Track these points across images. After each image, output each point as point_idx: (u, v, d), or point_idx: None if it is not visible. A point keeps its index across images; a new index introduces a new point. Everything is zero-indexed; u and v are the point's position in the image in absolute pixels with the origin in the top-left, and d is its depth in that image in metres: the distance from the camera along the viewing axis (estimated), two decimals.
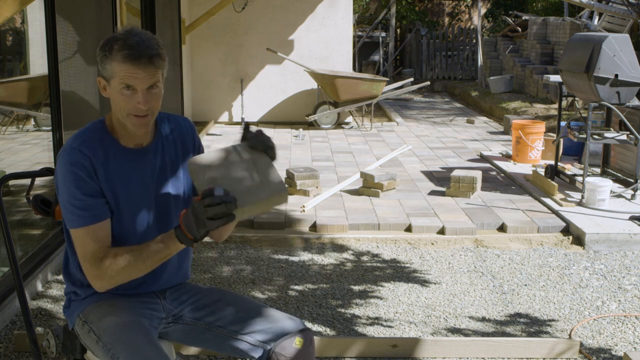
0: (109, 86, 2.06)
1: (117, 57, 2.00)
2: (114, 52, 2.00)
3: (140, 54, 1.99)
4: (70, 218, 2.07)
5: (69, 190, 2.06)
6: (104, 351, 2.06)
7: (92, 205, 2.06)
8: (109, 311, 2.14)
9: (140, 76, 2.00)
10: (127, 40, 2.00)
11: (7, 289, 3.71)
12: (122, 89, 2.02)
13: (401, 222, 5.41)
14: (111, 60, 2.01)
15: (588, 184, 5.73)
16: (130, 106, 2.04)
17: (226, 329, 2.23)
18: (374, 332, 3.69)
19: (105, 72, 2.04)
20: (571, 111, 10.10)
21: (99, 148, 2.10)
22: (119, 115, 2.08)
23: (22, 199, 4.13)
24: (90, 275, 2.06)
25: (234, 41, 10.61)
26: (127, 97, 2.03)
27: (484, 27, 20.19)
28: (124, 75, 2.00)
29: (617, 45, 5.61)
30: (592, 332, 3.73)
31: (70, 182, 2.05)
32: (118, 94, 2.04)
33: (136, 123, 2.07)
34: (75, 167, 2.05)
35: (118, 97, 2.04)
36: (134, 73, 2.00)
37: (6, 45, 4.52)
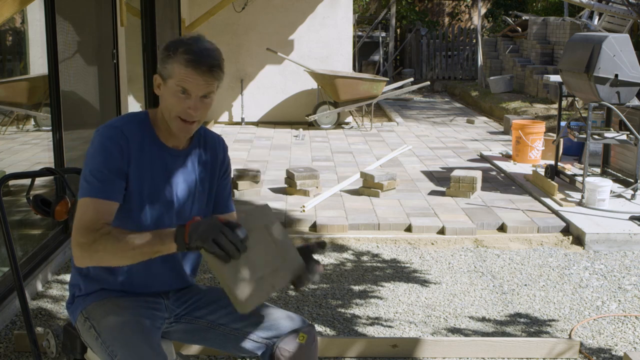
0: (164, 85, 2.09)
1: (180, 60, 2.03)
2: (178, 54, 2.04)
3: (202, 61, 2.03)
4: (83, 187, 2.06)
5: (95, 161, 2.06)
6: (103, 348, 2.08)
7: (109, 181, 2.06)
8: (112, 309, 2.15)
9: (197, 82, 2.04)
10: (193, 45, 2.04)
11: (7, 289, 3.72)
12: (177, 91, 2.06)
13: (401, 222, 5.41)
14: (173, 61, 2.05)
15: (588, 184, 5.73)
16: (181, 109, 2.07)
17: (228, 327, 2.23)
18: (374, 332, 3.69)
19: (164, 70, 2.07)
20: (571, 111, 10.10)
21: (138, 134, 2.12)
22: (166, 115, 2.11)
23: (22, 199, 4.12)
24: (76, 242, 2.01)
25: (234, 41, 10.61)
26: (180, 99, 2.06)
27: (484, 27, 20.19)
28: (182, 78, 2.04)
29: (617, 45, 5.62)
30: (592, 332, 3.73)
31: (99, 153, 2.06)
32: (172, 94, 2.07)
33: (182, 127, 2.10)
34: (110, 142, 2.06)
35: (171, 98, 2.08)
36: (193, 78, 2.04)
37: (6, 45, 4.52)
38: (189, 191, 2.22)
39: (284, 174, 6.58)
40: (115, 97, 6.11)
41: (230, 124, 10.78)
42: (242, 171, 6.22)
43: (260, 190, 6.27)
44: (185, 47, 2.04)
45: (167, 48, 2.08)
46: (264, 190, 6.37)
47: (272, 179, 6.79)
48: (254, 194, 6.16)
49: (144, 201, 2.13)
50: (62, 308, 3.90)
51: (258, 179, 6.24)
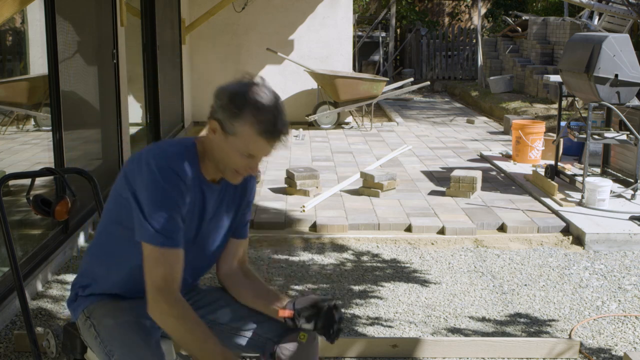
0: (223, 136, 2.00)
1: (253, 128, 1.96)
2: (250, 119, 1.95)
3: (279, 135, 2.01)
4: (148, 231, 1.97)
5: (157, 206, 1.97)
6: (101, 347, 2.08)
7: (176, 229, 2.01)
8: (113, 309, 2.15)
9: (266, 150, 2.02)
10: (265, 112, 1.96)
11: (7, 289, 3.71)
12: (242, 152, 2.00)
13: (401, 222, 5.41)
14: (243, 123, 1.96)
15: (588, 184, 5.73)
16: (241, 166, 2.03)
17: (228, 326, 2.23)
18: (374, 332, 3.69)
19: (228, 126, 1.98)
20: (571, 111, 10.10)
21: (188, 172, 2.04)
22: (221, 164, 2.05)
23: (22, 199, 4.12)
24: (158, 309, 2.00)
25: (234, 41, 10.61)
26: (243, 159, 2.02)
27: (484, 27, 20.19)
28: (253, 147, 1.99)
29: (617, 45, 5.61)
30: (592, 332, 3.73)
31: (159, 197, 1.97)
32: (235, 152, 2.00)
33: (235, 178, 2.08)
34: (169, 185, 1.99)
35: (233, 155, 2.01)
36: (265, 149, 2.00)
37: (6, 45, 4.52)
38: (217, 225, 2.21)
39: (284, 174, 6.58)
40: (115, 97, 6.11)
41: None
42: None
43: (260, 190, 6.28)
44: (257, 113, 1.95)
45: (235, 102, 1.96)
46: (264, 190, 6.37)
47: (272, 179, 6.79)
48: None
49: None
50: (62, 308, 3.90)
51: (258, 179, 6.24)
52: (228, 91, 2.00)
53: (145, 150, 2.06)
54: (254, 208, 5.75)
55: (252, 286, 2.31)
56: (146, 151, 2.05)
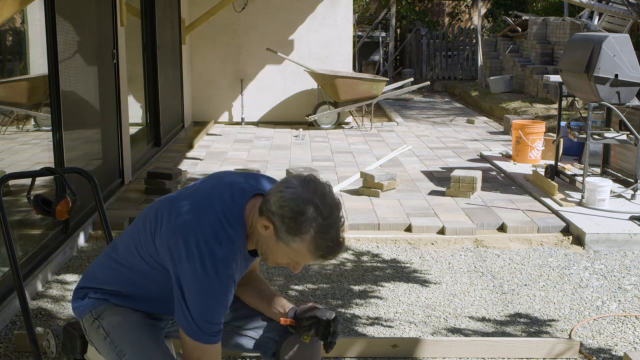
0: (275, 239, 1.94)
1: (310, 249, 1.92)
2: (308, 242, 1.91)
3: (332, 256, 1.96)
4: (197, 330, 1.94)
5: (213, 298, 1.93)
6: (111, 348, 2.08)
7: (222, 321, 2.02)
8: (122, 311, 2.16)
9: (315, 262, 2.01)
10: (326, 239, 1.91)
11: (7, 289, 3.71)
12: (291, 259, 1.98)
13: (401, 222, 5.41)
14: (302, 242, 1.91)
15: (588, 184, 5.73)
16: (284, 264, 2.01)
17: (230, 325, 2.23)
18: (374, 332, 3.69)
19: (284, 237, 1.92)
20: (571, 111, 10.10)
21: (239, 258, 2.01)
22: (264, 256, 2.02)
23: (22, 199, 4.12)
24: None
25: (234, 41, 10.61)
26: (289, 263, 2.00)
27: (484, 27, 20.19)
28: (304, 259, 1.97)
29: (617, 45, 5.61)
30: (592, 332, 3.73)
31: (218, 291, 1.93)
32: (283, 256, 1.97)
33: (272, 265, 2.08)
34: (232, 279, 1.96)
35: (280, 257, 1.98)
36: (314, 261, 1.99)
37: (6, 45, 4.52)
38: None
39: (284, 174, 6.58)
40: (115, 97, 6.11)
41: (230, 124, 10.77)
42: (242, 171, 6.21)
43: None
44: (318, 238, 1.90)
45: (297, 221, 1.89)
46: None
47: None
48: None
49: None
50: (62, 308, 3.90)
51: None
52: (290, 206, 1.90)
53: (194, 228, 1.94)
54: None
55: (257, 287, 2.32)
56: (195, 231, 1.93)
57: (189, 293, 1.91)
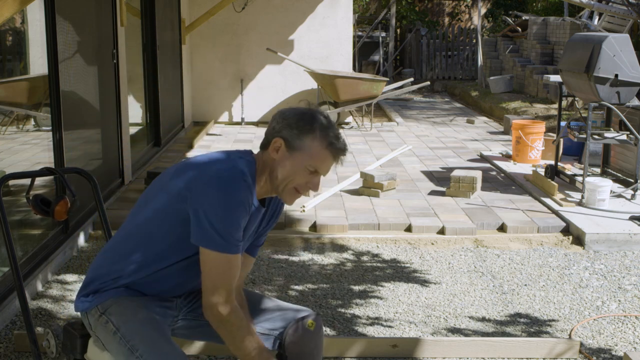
0: (287, 153, 2.10)
1: (323, 142, 2.10)
2: (320, 135, 2.09)
3: (342, 149, 2.14)
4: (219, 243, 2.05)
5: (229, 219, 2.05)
6: (122, 342, 2.08)
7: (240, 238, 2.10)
8: (130, 306, 2.17)
9: (329, 166, 2.14)
10: (332, 130, 2.12)
11: (7, 289, 3.71)
12: (308, 167, 2.10)
13: (401, 222, 5.41)
14: (313, 139, 2.09)
15: (588, 184, 5.73)
16: (303, 183, 2.12)
17: None
18: (374, 332, 3.69)
19: (295, 141, 2.09)
20: (571, 111, 10.10)
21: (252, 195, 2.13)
22: (280, 183, 2.12)
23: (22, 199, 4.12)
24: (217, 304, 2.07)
25: (234, 41, 10.61)
26: (306, 175, 2.11)
27: (484, 27, 20.19)
28: (320, 161, 2.10)
29: (617, 45, 5.61)
30: (592, 332, 3.73)
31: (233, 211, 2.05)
32: (300, 168, 2.11)
33: (292, 198, 2.16)
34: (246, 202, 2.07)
35: (297, 171, 2.11)
36: (330, 163, 2.12)
37: (6, 45, 4.52)
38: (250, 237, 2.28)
39: None
40: (115, 97, 6.11)
41: (230, 124, 10.77)
42: None
43: None
44: (326, 130, 2.10)
45: (305, 120, 2.10)
46: None
47: None
48: None
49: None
50: (62, 308, 3.90)
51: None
52: (294, 112, 2.14)
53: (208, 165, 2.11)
54: None
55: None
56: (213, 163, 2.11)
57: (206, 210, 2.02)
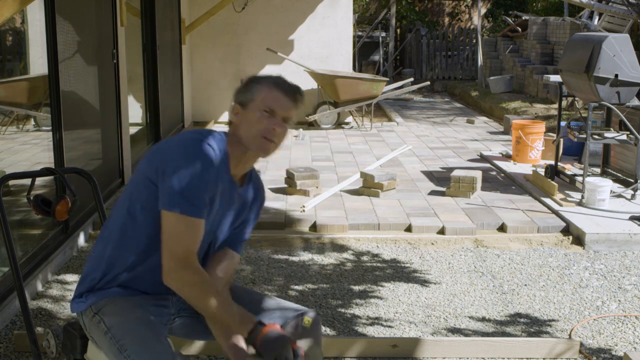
0: (243, 111, 2.17)
1: (267, 84, 2.17)
2: (264, 81, 2.18)
3: (291, 88, 2.20)
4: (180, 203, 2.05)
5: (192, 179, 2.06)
6: (112, 343, 2.08)
7: (204, 202, 2.09)
8: (122, 305, 2.17)
9: (285, 104, 2.16)
10: (280, 78, 2.22)
11: (7, 289, 3.71)
12: (263, 111, 2.14)
13: (401, 222, 5.41)
14: (260, 87, 2.17)
15: (588, 184, 5.73)
16: (265, 128, 2.13)
17: None
18: (374, 332, 3.69)
19: (246, 96, 2.17)
20: (571, 111, 10.10)
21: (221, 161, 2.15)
22: (246, 138, 2.15)
23: (22, 199, 4.13)
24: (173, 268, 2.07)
25: (234, 41, 10.61)
26: (265, 118, 2.13)
27: (484, 27, 20.19)
28: (271, 99, 2.15)
29: (617, 45, 5.61)
30: (592, 332, 3.73)
31: (197, 171, 2.06)
32: (257, 115, 2.14)
33: (263, 147, 2.15)
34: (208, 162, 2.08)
35: (254, 119, 2.14)
36: (282, 100, 2.16)
37: (6, 45, 4.52)
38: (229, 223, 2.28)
39: (284, 174, 6.58)
40: (115, 97, 6.11)
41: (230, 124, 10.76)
42: None
43: None
44: (272, 79, 2.20)
45: (250, 80, 2.21)
46: None
47: (272, 179, 6.79)
48: None
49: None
50: (62, 308, 3.90)
51: None
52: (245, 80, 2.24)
53: (178, 134, 2.18)
54: None
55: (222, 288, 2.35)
56: (179, 134, 2.18)
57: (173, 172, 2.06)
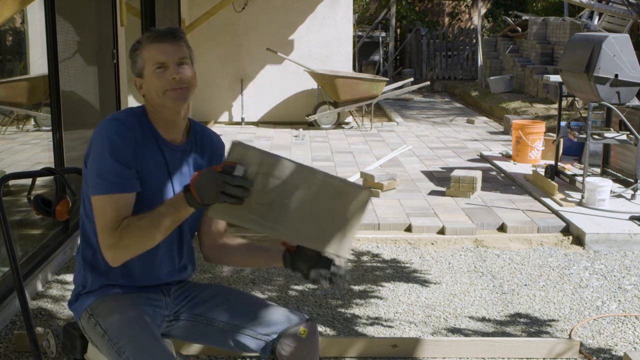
0: (143, 79, 2.15)
1: (145, 44, 2.13)
2: (143, 43, 2.14)
3: (163, 32, 2.14)
4: (96, 183, 2.06)
5: (102, 156, 2.05)
6: (109, 345, 2.08)
7: (121, 174, 2.06)
8: (116, 306, 2.16)
9: (168, 50, 2.11)
10: (151, 30, 2.16)
11: (7, 289, 3.71)
12: (154, 70, 2.11)
13: (401, 222, 5.41)
14: (141, 50, 2.13)
15: (588, 184, 5.73)
16: (165, 81, 2.11)
17: (228, 324, 2.23)
18: (374, 332, 3.69)
19: (137, 66, 2.14)
20: (571, 111, 10.10)
21: (138, 128, 2.14)
22: (157, 100, 2.13)
23: (22, 199, 4.13)
24: (106, 245, 2.04)
25: (234, 41, 10.61)
26: (160, 74, 2.11)
27: (484, 27, 20.19)
28: (153, 55, 2.11)
29: (617, 45, 5.61)
30: (592, 332, 3.73)
31: (105, 147, 2.05)
32: (152, 76, 2.11)
33: (176, 97, 2.12)
34: (113, 134, 2.07)
35: (153, 80, 2.12)
36: (162, 49, 2.11)
37: (6, 45, 4.52)
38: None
39: None
40: (115, 97, 6.11)
41: (230, 124, 10.77)
42: None
43: None
44: (145, 36, 2.15)
45: (132, 48, 2.17)
46: None
47: None
48: None
49: (144, 194, 2.13)
50: (62, 308, 3.90)
51: None
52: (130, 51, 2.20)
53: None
54: None
55: (241, 247, 2.36)
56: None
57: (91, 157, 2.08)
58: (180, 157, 2.21)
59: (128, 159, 2.07)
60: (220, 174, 1.85)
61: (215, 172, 1.86)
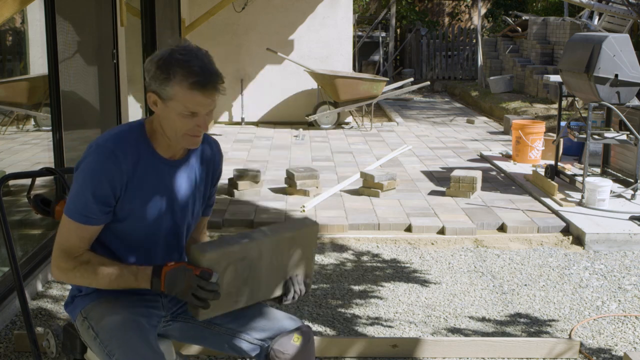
0: (163, 104, 2.05)
1: (182, 84, 1.99)
2: (178, 77, 1.99)
3: (207, 81, 2.00)
4: (70, 207, 2.09)
5: (82, 187, 2.06)
6: (101, 348, 2.09)
7: (94, 210, 2.07)
8: (109, 309, 2.16)
9: (204, 103, 2.02)
10: (191, 66, 2.00)
11: (7, 289, 3.72)
12: (183, 112, 2.02)
13: (401, 222, 5.41)
14: (174, 84, 2.00)
15: (588, 184, 5.73)
16: (190, 128, 2.06)
17: (224, 327, 2.23)
18: (374, 332, 3.69)
19: (163, 92, 2.02)
20: (571, 111, 10.10)
21: (134, 152, 2.10)
22: (171, 134, 2.08)
23: (22, 199, 4.13)
24: (58, 265, 2.10)
25: (234, 41, 10.61)
26: (187, 119, 2.03)
27: (484, 27, 20.19)
28: (189, 102, 2.00)
29: (617, 45, 5.61)
30: (592, 332, 3.73)
31: (87, 180, 2.06)
32: (177, 116, 2.03)
33: (192, 142, 2.10)
34: (99, 168, 2.05)
35: (176, 120, 2.04)
36: (199, 100, 2.01)
37: (6, 45, 4.52)
38: (186, 201, 2.23)
39: (284, 174, 6.58)
40: (115, 97, 6.11)
41: (230, 124, 10.77)
42: (242, 171, 6.22)
43: (260, 190, 6.27)
44: (183, 70, 1.99)
45: (162, 68, 2.01)
46: (264, 190, 6.37)
47: (272, 179, 6.79)
48: (254, 194, 6.16)
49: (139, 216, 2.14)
50: (62, 308, 3.90)
51: (258, 179, 6.24)
52: (153, 60, 2.05)
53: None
54: (253, 208, 5.75)
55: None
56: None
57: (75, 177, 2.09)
58: (178, 171, 2.20)
59: (106, 195, 2.06)
60: (197, 278, 1.96)
61: (192, 274, 1.97)
